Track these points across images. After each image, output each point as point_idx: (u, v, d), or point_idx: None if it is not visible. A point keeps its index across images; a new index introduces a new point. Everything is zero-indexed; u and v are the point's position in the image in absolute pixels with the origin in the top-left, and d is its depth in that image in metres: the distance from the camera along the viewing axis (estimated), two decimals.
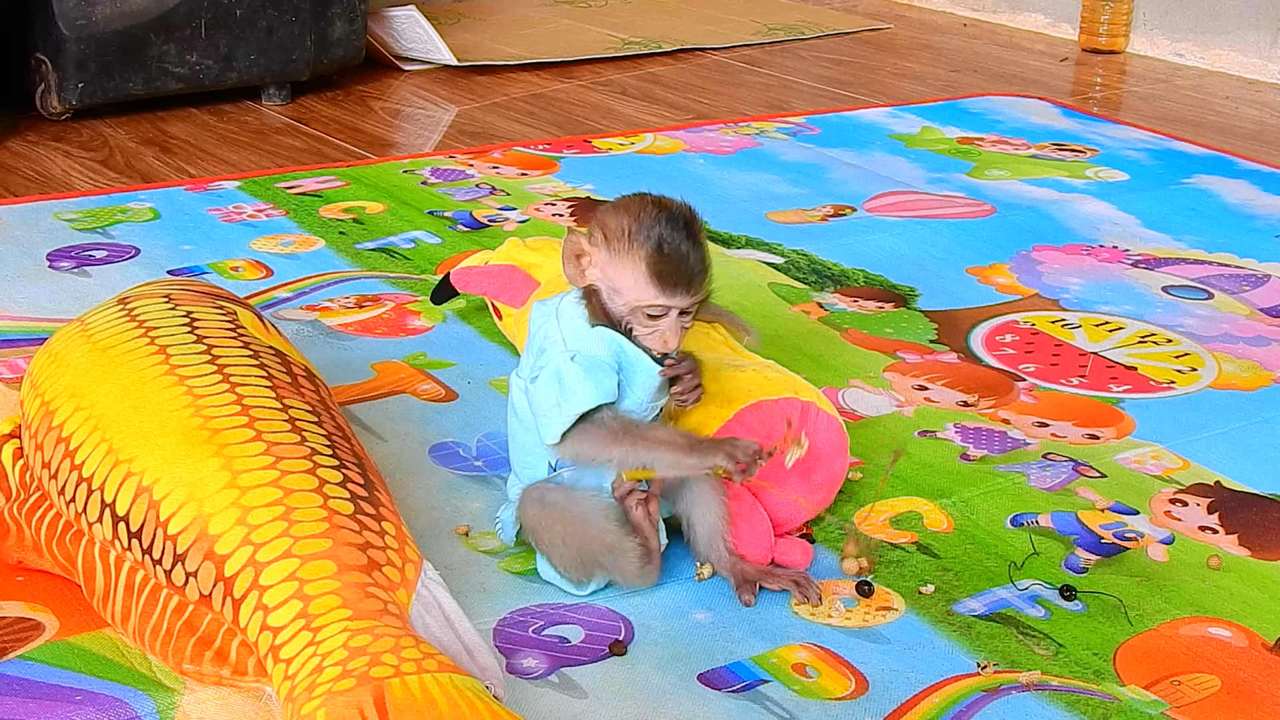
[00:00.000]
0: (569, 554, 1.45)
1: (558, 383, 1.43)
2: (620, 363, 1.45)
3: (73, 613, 1.42)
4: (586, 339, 1.45)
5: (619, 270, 1.43)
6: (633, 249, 1.43)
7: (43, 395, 1.49)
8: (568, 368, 1.43)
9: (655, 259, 1.42)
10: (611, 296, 1.45)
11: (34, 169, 2.70)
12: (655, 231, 1.43)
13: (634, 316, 1.44)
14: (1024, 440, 1.81)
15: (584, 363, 1.43)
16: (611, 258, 1.43)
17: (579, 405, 1.42)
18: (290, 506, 1.32)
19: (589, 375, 1.43)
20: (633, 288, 1.43)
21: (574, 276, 1.46)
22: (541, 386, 1.45)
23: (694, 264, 1.44)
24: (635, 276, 1.43)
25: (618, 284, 1.44)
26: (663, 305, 1.44)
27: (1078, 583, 1.53)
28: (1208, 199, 2.69)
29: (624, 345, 1.45)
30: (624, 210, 1.45)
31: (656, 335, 1.45)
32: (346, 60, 3.23)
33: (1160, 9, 3.78)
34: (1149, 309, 2.21)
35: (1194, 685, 1.38)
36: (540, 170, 2.74)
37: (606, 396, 1.43)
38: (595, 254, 1.44)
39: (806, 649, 1.41)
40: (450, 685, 1.19)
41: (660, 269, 1.42)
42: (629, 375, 1.45)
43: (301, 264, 2.26)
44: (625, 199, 1.48)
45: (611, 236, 1.43)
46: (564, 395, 1.43)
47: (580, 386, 1.42)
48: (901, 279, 2.28)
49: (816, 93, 3.38)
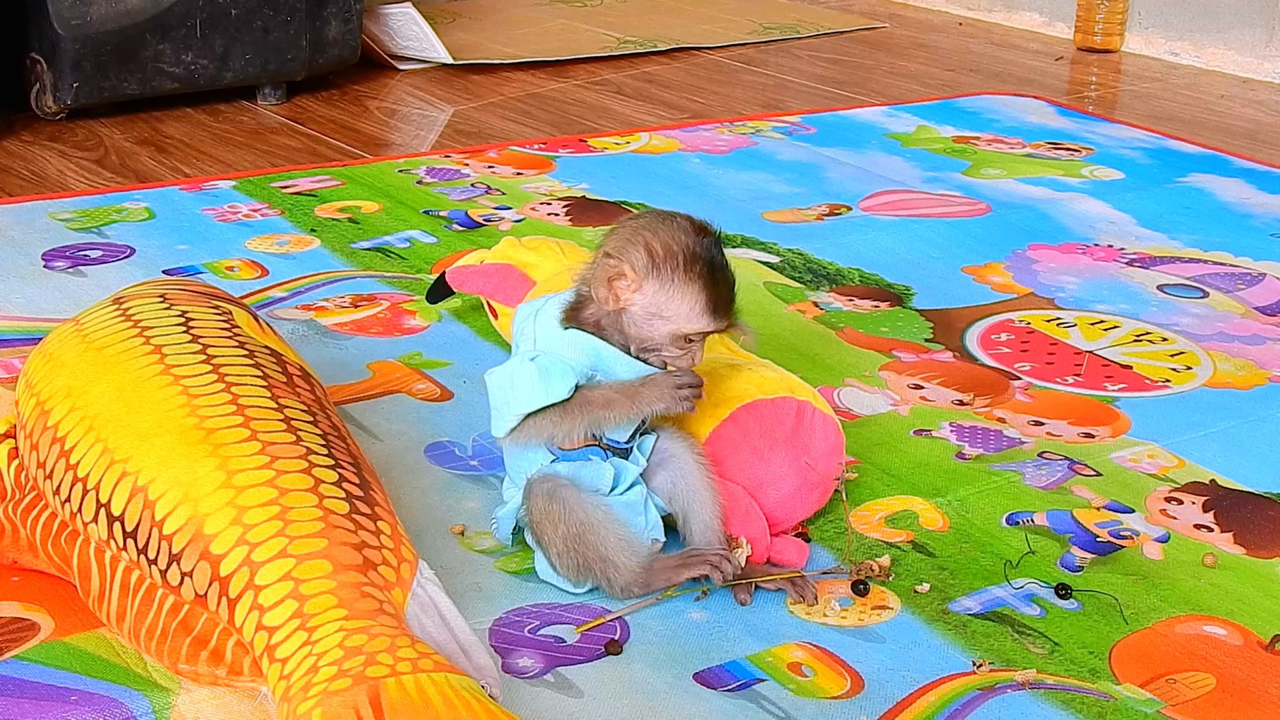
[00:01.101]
0: (567, 553, 1.45)
1: (509, 382, 1.43)
2: (595, 364, 1.44)
3: (68, 613, 1.41)
4: (557, 341, 1.44)
5: (671, 298, 1.42)
6: (688, 277, 1.41)
7: (38, 395, 1.49)
8: (523, 368, 1.43)
9: (711, 287, 1.42)
10: (649, 321, 1.43)
11: (29, 169, 2.70)
12: (706, 258, 1.42)
13: (670, 341, 1.43)
14: (1019, 439, 1.81)
15: (541, 365, 1.43)
16: (662, 286, 1.42)
17: (526, 406, 1.42)
18: (286, 506, 1.32)
19: (542, 378, 1.42)
20: (686, 315, 1.42)
21: (605, 299, 1.43)
22: (494, 382, 1.45)
23: (734, 285, 1.44)
24: (691, 305, 1.42)
25: (666, 311, 1.42)
26: (711, 331, 1.44)
27: (1073, 581, 1.53)
28: (1203, 198, 2.69)
29: (597, 346, 1.44)
30: (667, 233, 1.43)
31: (687, 357, 1.45)
32: (342, 60, 3.22)
33: (1155, 8, 3.79)
34: (1144, 308, 2.21)
35: (1189, 683, 1.38)
36: (536, 169, 2.74)
37: (556, 398, 1.42)
38: (638, 280, 1.42)
39: (802, 648, 1.41)
40: (446, 685, 1.19)
41: (716, 297, 1.42)
42: (609, 375, 1.45)
43: (297, 263, 2.26)
44: (656, 217, 1.45)
45: (660, 262, 1.42)
46: (513, 394, 1.43)
47: (530, 388, 1.42)
48: (897, 278, 2.29)
49: (812, 92, 3.38)
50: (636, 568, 1.44)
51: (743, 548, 1.49)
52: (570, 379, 1.43)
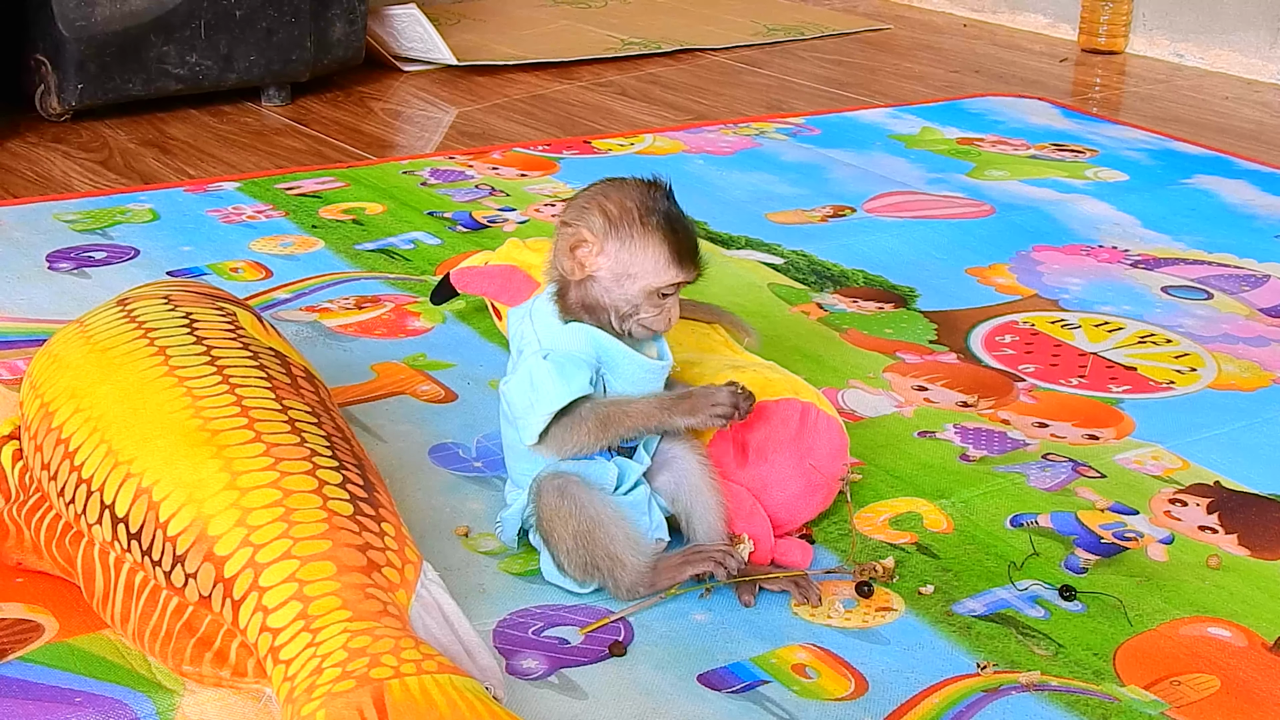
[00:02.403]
0: (576, 550, 1.45)
1: (529, 384, 1.43)
2: (599, 356, 1.45)
3: (72, 614, 1.42)
4: (560, 336, 1.45)
5: (634, 254, 1.43)
6: (646, 230, 1.42)
7: (42, 396, 1.49)
8: (539, 367, 1.43)
9: (672, 237, 1.43)
10: (619, 283, 1.44)
11: (34, 170, 2.70)
12: (662, 210, 1.43)
13: (645, 300, 1.44)
14: (1023, 441, 1.81)
15: (556, 361, 1.43)
16: (623, 243, 1.43)
17: (551, 404, 1.42)
18: (290, 508, 1.32)
19: (560, 373, 1.42)
20: (652, 270, 1.43)
21: (572, 269, 1.44)
22: (515, 389, 1.45)
23: (695, 233, 1.46)
24: (655, 258, 1.43)
25: (633, 268, 1.43)
26: (679, 282, 1.44)
27: (1077, 583, 1.53)
28: (1207, 199, 2.69)
29: (600, 337, 1.44)
30: (619, 193, 1.45)
31: (663, 315, 1.45)
32: (346, 61, 3.23)
33: (1160, 9, 3.78)
34: (1149, 309, 2.21)
35: (1194, 685, 1.38)
36: (540, 171, 2.74)
37: (579, 392, 1.43)
38: (599, 242, 1.43)
39: (806, 649, 1.41)
40: (450, 686, 1.19)
41: (678, 246, 1.43)
42: (612, 366, 1.45)
43: (301, 265, 2.26)
44: (606, 183, 1.47)
45: (616, 221, 1.43)
46: (536, 396, 1.43)
47: (551, 385, 1.42)
48: (901, 279, 2.28)
49: (816, 93, 3.38)
50: (643, 567, 1.44)
51: (745, 543, 1.48)
52: (586, 371, 1.43)
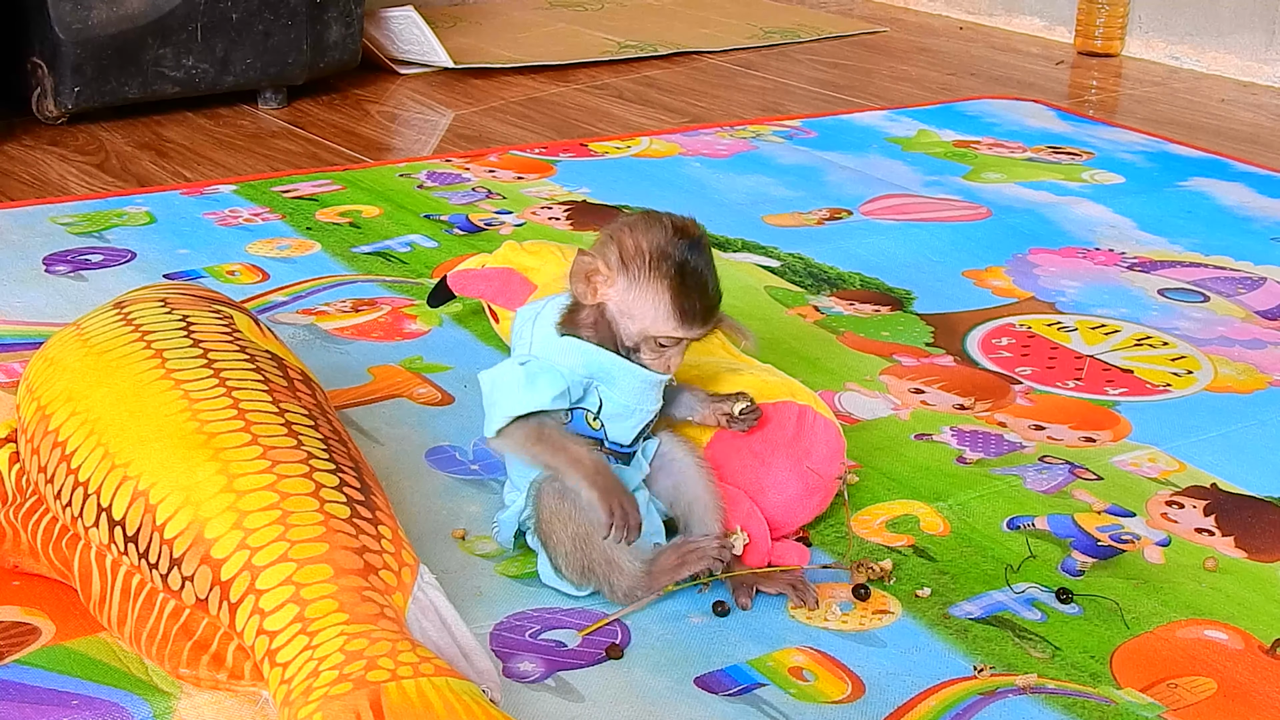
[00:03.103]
0: (574, 553, 1.45)
1: (497, 383, 1.43)
2: (593, 373, 1.44)
3: (69, 617, 1.41)
4: (554, 347, 1.44)
5: (637, 298, 1.41)
6: (654, 277, 1.39)
7: (39, 399, 1.49)
8: (512, 371, 1.43)
9: (679, 291, 1.39)
10: (621, 320, 1.42)
11: (30, 173, 2.70)
12: (677, 260, 1.39)
13: (644, 343, 1.42)
14: (1020, 443, 1.81)
15: (531, 369, 1.42)
16: (630, 284, 1.40)
17: (510, 409, 1.42)
18: (287, 510, 1.32)
19: (529, 382, 1.42)
20: (651, 318, 1.41)
21: (583, 294, 1.42)
22: (485, 381, 1.45)
23: (713, 295, 1.42)
24: (656, 307, 1.40)
25: (634, 311, 1.41)
26: (679, 338, 1.43)
27: (1074, 585, 1.53)
28: (1203, 202, 2.70)
29: (594, 353, 1.43)
30: (642, 232, 1.41)
31: (660, 362, 1.43)
32: (343, 64, 3.23)
33: (1156, 12, 3.79)
34: (1145, 312, 2.21)
35: (1190, 688, 1.38)
36: (536, 174, 2.74)
37: (541, 405, 1.41)
38: (611, 276, 1.41)
39: (803, 652, 1.41)
40: (447, 689, 1.19)
41: (683, 303, 1.40)
42: (609, 381, 1.44)
43: (298, 268, 2.26)
44: (640, 217, 1.44)
45: (630, 260, 1.40)
46: (500, 396, 1.43)
47: (516, 391, 1.42)
48: (898, 282, 2.29)
49: (812, 96, 3.39)
50: (639, 572, 1.44)
51: (739, 535, 1.48)
52: (558, 385, 1.42)
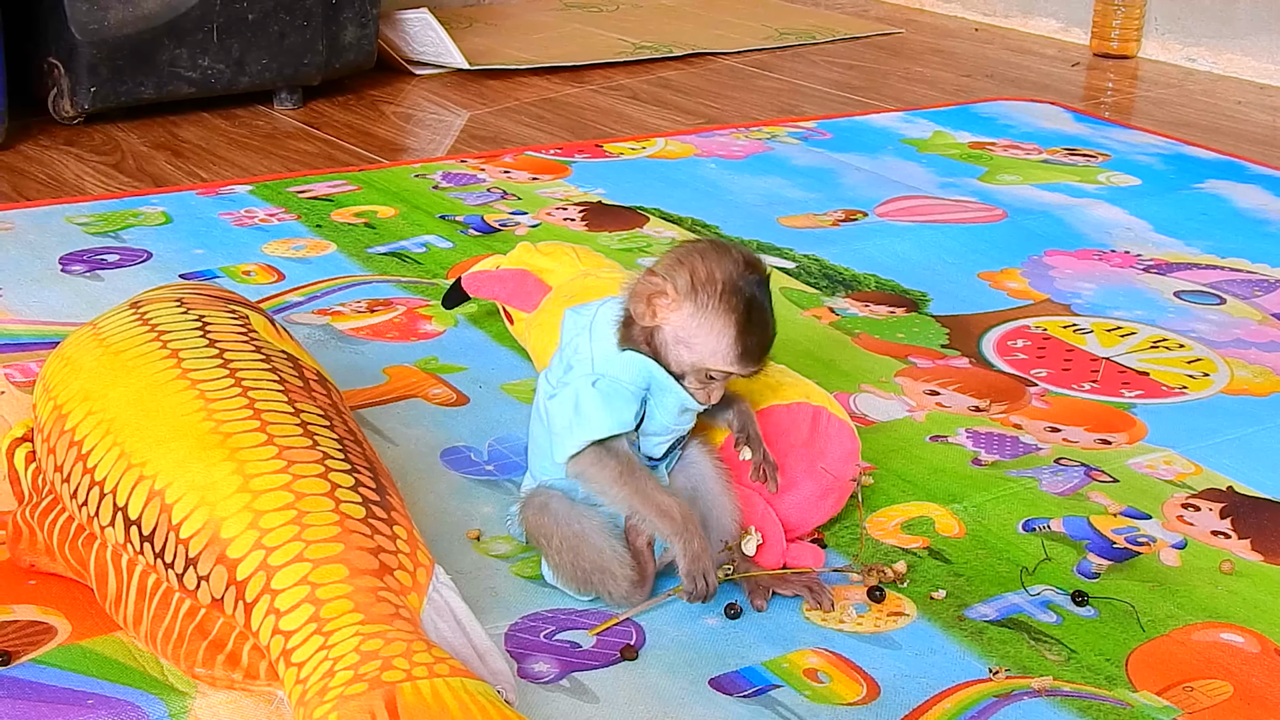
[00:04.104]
0: (563, 565, 1.45)
1: (574, 407, 1.41)
2: (650, 385, 1.42)
3: (85, 616, 1.42)
4: (614, 362, 1.42)
5: (700, 328, 1.39)
6: (723, 310, 1.38)
7: (55, 399, 1.50)
8: (587, 393, 1.41)
9: (743, 327, 1.39)
10: (675, 347, 1.41)
11: (46, 173, 2.71)
12: (746, 295, 1.39)
13: (693, 372, 1.41)
14: (1036, 445, 1.81)
15: (605, 390, 1.41)
16: (696, 312, 1.39)
17: (591, 434, 1.41)
18: (302, 510, 1.32)
19: (607, 404, 1.40)
20: (709, 350, 1.40)
21: (642, 314, 1.41)
22: (558, 406, 1.43)
23: (771, 334, 1.42)
24: (719, 340, 1.39)
25: (693, 340, 1.40)
26: (733, 374, 1.42)
27: (1090, 588, 1.52)
28: (1220, 204, 2.69)
29: (654, 371, 1.42)
30: (715, 261, 1.40)
31: (703, 392, 1.43)
32: (358, 65, 3.23)
33: (1172, 14, 3.78)
34: (1161, 314, 2.21)
35: (1206, 691, 1.38)
36: (551, 175, 2.74)
37: (621, 427, 1.41)
38: (676, 301, 1.39)
39: (818, 654, 1.41)
40: (462, 689, 1.19)
41: (746, 339, 1.39)
42: (657, 399, 1.43)
43: (313, 268, 2.26)
44: (711, 245, 1.42)
45: (700, 288, 1.39)
46: (579, 420, 1.41)
47: (596, 415, 1.40)
48: (913, 284, 2.28)
49: (828, 97, 3.38)
50: (633, 577, 1.44)
51: (752, 536, 1.48)
52: (633, 405, 1.41)
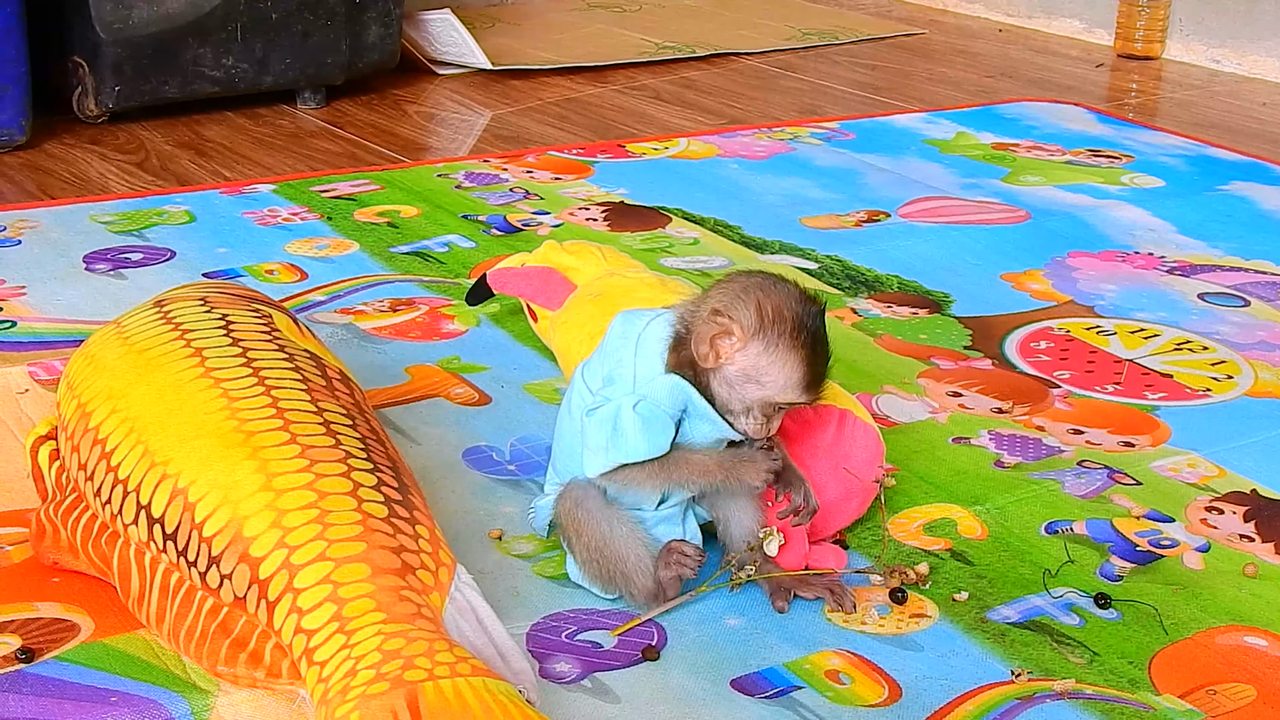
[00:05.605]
0: (589, 563, 1.45)
1: (613, 427, 1.40)
2: (686, 411, 1.42)
3: (108, 614, 1.42)
4: (658, 384, 1.41)
5: (771, 363, 1.39)
6: (793, 345, 1.38)
7: (79, 397, 1.50)
8: (627, 416, 1.40)
9: (811, 359, 1.39)
10: (742, 385, 1.40)
11: (70, 171, 2.71)
12: (811, 328, 1.39)
13: (759, 408, 1.41)
14: (1059, 447, 1.80)
15: (645, 414, 1.40)
16: (766, 349, 1.38)
17: (627, 456, 1.40)
18: (325, 509, 1.32)
19: (646, 429, 1.40)
20: (780, 385, 1.39)
21: (706, 356, 1.40)
22: (595, 424, 1.42)
23: (829, 361, 1.43)
24: (790, 374, 1.39)
25: (764, 376, 1.39)
26: (799, 404, 1.42)
27: (1113, 591, 1.52)
28: (1244, 205, 2.68)
29: (692, 397, 1.41)
30: (781, 297, 1.40)
31: (764, 427, 1.42)
32: (381, 64, 3.24)
33: (1196, 15, 3.77)
34: (1185, 316, 2.20)
35: (1230, 695, 1.37)
36: (574, 174, 2.75)
37: (656, 452, 1.40)
38: (745, 339, 1.39)
39: (840, 655, 1.41)
40: (483, 689, 1.19)
41: (814, 370, 1.40)
42: (693, 424, 1.42)
43: (336, 267, 2.27)
44: (769, 280, 1.42)
45: (769, 324, 1.39)
46: (615, 441, 1.40)
47: (634, 439, 1.40)
48: (936, 285, 2.28)
49: (850, 98, 3.38)
50: (653, 587, 1.44)
51: (774, 536, 1.47)
52: (670, 430, 1.41)
